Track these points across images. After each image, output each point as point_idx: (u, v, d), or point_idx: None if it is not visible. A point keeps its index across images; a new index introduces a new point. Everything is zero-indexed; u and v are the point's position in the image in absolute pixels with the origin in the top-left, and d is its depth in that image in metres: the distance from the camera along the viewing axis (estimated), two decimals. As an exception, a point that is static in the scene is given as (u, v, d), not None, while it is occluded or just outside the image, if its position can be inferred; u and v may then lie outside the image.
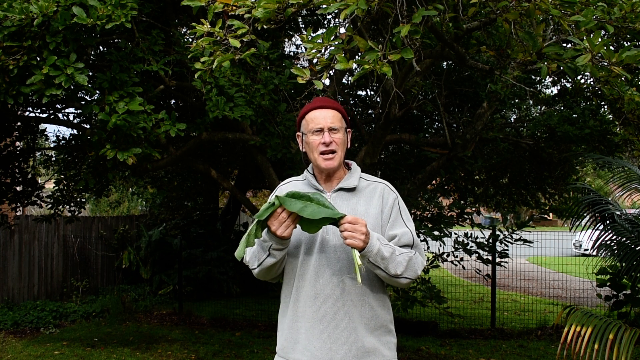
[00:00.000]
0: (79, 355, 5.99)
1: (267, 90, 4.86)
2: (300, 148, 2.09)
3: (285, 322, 2.00)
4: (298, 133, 2.09)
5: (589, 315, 3.28)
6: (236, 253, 1.87)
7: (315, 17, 6.78)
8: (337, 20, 6.45)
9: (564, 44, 3.79)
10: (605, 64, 2.26)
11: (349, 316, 1.90)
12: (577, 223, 4.53)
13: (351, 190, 2.01)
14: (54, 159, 6.99)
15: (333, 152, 1.97)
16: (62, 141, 6.06)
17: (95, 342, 6.58)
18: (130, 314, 8.11)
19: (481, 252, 6.35)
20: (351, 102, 7.80)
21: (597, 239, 4.29)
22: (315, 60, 2.50)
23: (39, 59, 3.55)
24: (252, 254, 2.00)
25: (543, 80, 7.13)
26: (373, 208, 1.97)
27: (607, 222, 4.34)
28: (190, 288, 9.09)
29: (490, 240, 6.48)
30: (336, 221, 1.80)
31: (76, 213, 7.11)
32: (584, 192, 4.76)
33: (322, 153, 1.96)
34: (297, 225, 1.85)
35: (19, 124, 6.23)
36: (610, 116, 5.99)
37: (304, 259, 1.95)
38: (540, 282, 11.36)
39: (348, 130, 2.06)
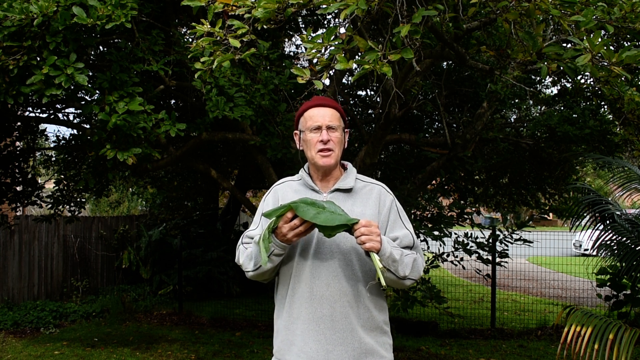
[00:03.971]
0: (79, 355, 5.99)
1: (267, 90, 4.86)
2: (298, 146, 2.08)
3: (281, 323, 2.00)
4: (296, 131, 2.08)
5: (589, 315, 3.28)
6: (262, 262, 1.84)
7: (315, 17, 6.78)
8: (337, 20, 6.45)
9: (564, 44, 3.79)
10: (605, 64, 2.26)
11: (346, 317, 1.89)
12: (577, 223, 4.52)
13: (347, 191, 2.00)
14: (54, 159, 6.99)
15: (330, 150, 1.96)
16: (62, 141, 6.06)
17: (95, 342, 6.58)
18: (130, 314, 8.11)
19: (481, 252, 6.35)
20: (351, 102, 7.80)
21: (597, 239, 4.28)
22: (315, 60, 2.50)
23: (39, 59, 3.55)
24: (246, 256, 1.99)
25: (543, 80, 7.12)
26: (369, 209, 1.97)
27: (607, 222, 4.33)
28: (190, 288, 9.09)
29: (490, 240, 6.47)
30: (349, 227, 1.79)
31: (76, 213, 7.11)
32: (584, 192, 4.76)
33: (320, 151, 1.96)
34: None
35: (19, 124, 6.23)
36: (610, 116, 5.99)
37: (300, 260, 1.94)
38: (540, 282, 11.36)
39: (346, 130, 2.05)
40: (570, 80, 6.37)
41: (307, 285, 1.92)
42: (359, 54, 4.32)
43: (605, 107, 6.05)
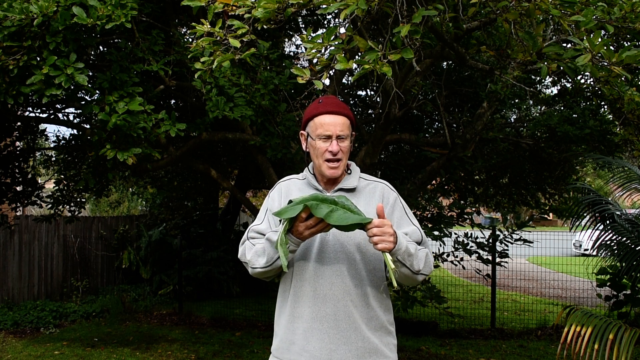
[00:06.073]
0: (79, 355, 5.99)
1: (267, 90, 4.86)
2: (303, 147, 2.05)
3: (282, 322, 1.99)
4: (302, 132, 2.04)
5: (589, 315, 3.28)
6: (283, 267, 1.81)
7: (315, 17, 6.78)
8: (337, 20, 6.45)
9: (564, 44, 3.79)
10: (605, 64, 2.26)
11: (349, 316, 1.89)
12: (577, 223, 4.52)
13: (351, 190, 2.00)
14: (54, 159, 6.99)
15: (338, 160, 1.95)
16: (62, 141, 6.06)
17: (95, 342, 6.58)
18: (130, 314, 8.11)
19: (481, 252, 6.36)
20: (351, 102, 7.80)
21: (597, 239, 4.28)
22: (315, 60, 2.50)
23: (39, 59, 3.55)
24: (254, 252, 1.95)
25: (543, 80, 7.12)
26: (373, 208, 1.95)
27: (607, 222, 4.33)
28: (190, 288, 9.09)
29: (490, 240, 6.48)
30: (363, 226, 1.78)
31: (76, 213, 7.10)
32: (584, 192, 4.76)
33: (328, 160, 1.94)
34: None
35: (19, 124, 6.23)
36: (610, 116, 5.99)
37: (303, 259, 1.94)
38: (540, 282, 11.36)
39: (353, 133, 2.03)
40: (570, 80, 6.37)
41: (310, 284, 1.91)
42: (359, 54, 4.32)
43: (605, 107, 6.05)
